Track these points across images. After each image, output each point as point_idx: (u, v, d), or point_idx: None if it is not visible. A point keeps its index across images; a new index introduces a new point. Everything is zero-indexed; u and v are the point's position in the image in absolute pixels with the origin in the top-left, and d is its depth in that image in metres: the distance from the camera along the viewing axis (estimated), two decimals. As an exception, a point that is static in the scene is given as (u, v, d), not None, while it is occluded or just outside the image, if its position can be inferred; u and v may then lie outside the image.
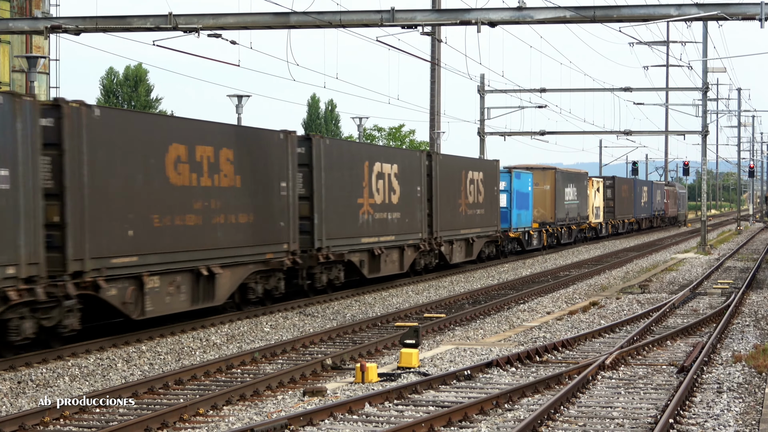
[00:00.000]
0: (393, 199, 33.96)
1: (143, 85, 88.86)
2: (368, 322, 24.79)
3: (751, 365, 17.66)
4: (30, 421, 14.04)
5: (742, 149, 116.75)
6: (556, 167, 58.18)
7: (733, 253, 52.22)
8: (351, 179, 31.11)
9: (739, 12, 24.43)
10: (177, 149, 22.85)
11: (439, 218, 37.73)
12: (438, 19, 25.75)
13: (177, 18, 25.23)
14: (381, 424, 13.60)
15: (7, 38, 38.64)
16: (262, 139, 26.73)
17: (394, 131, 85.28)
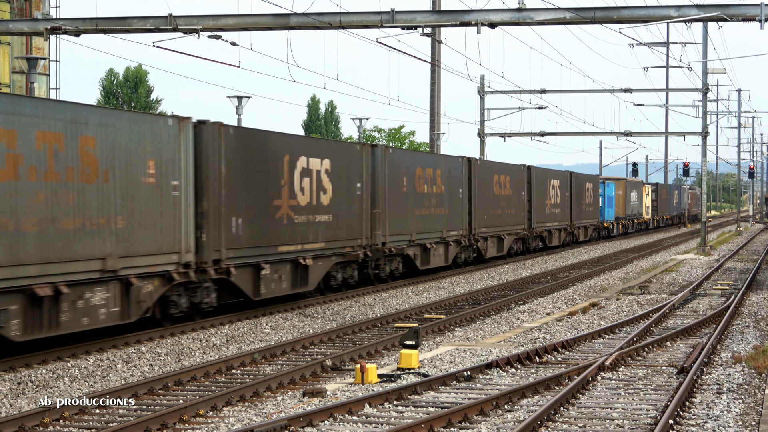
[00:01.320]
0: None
1: (143, 86, 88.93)
2: (368, 323, 24.80)
3: (750, 366, 17.67)
4: (30, 422, 14.04)
5: (742, 150, 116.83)
6: (626, 178, 79.17)
7: (733, 254, 52.22)
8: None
9: (739, 13, 24.45)
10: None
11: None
12: (438, 21, 25.76)
13: (177, 19, 25.26)
14: (381, 425, 13.61)
15: (7, 39, 38.65)
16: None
17: (394, 132, 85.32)
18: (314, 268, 28.37)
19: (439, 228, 37.91)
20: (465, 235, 40.86)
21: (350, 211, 30.71)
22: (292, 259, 27.29)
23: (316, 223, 28.67)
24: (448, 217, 38.93)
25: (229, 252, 24.31)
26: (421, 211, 36.12)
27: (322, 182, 28.93)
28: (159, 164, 21.87)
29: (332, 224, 29.48)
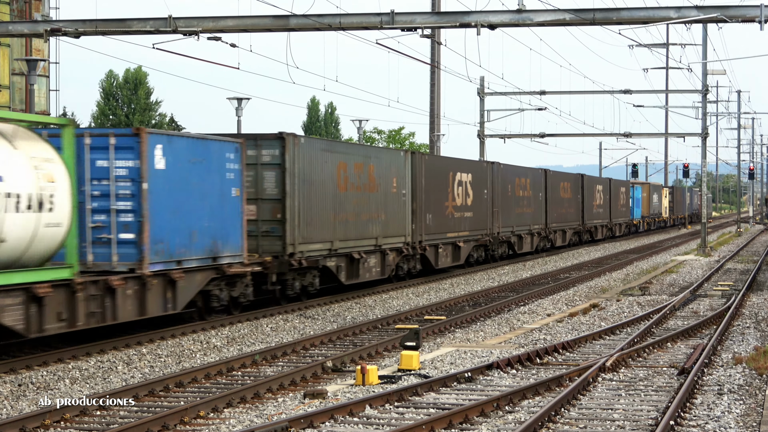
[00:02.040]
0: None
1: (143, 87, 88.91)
2: (368, 324, 24.79)
3: (751, 367, 17.66)
4: (31, 423, 14.04)
5: (742, 151, 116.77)
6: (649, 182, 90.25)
7: (734, 255, 52.22)
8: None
9: (739, 14, 24.45)
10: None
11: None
12: (438, 22, 25.76)
13: (177, 21, 25.26)
14: (381, 427, 13.60)
15: (7, 41, 38.64)
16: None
17: (393, 134, 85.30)
18: (464, 248, 41.23)
19: (528, 222, 50.76)
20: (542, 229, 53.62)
21: (481, 210, 43.27)
22: (453, 242, 39.92)
23: (464, 217, 41.23)
24: (533, 214, 51.61)
25: (425, 236, 36.63)
26: (521, 210, 49.36)
27: (467, 189, 41.67)
28: (397, 180, 34.53)
29: (472, 218, 42.04)
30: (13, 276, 18.25)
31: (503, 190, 46.22)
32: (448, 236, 38.89)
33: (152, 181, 21.81)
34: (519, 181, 48.95)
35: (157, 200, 21.94)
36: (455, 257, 40.33)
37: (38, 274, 18.77)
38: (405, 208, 35.00)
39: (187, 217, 23.12)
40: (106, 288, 20.49)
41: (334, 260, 29.97)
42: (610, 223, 70.05)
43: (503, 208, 46.13)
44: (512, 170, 48.52)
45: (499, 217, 45.36)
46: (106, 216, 21.63)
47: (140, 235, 21.57)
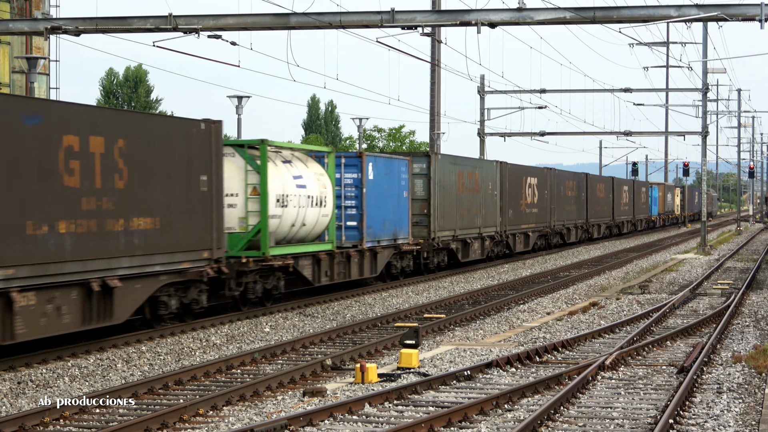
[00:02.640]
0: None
1: (143, 85, 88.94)
2: (368, 322, 24.80)
3: (751, 366, 17.67)
4: (30, 421, 14.05)
5: (742, 150, 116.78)
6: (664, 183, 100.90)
7: (733, 254, 52.22)
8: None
9: (739, 13, 24.46)
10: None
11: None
12: (438, 20, 25.76)
13: (177, 19, 25.26)
14: (381, 425, 13.61)
15: (7, 39, 38.65)
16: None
17: (394, 132, 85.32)
18: (532, 237, 51.45)
19: (574, 218, 60.58)
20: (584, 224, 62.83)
21: (543, 207, 53.16)
22: (525, 232, 50.01)
23: (532, 213, 51.09)
24: (577, 210, 61.36)
25: (508, 227, 46.85)
26: (570, 207, 60.03)
27: (534, 191, 51.51)
28: (492, 183, 44.62)
29: (537, 213, 51.88)
30: (309, 247, 29.01)
31: (557, 191, 56.75)
32: (522, 227, 49.99)
33: (367, 187, 32.01)
34: (568, 184, 59.37)
35: (369, 200, 32.08)
36: (526, 244, 50.94)
37: (319, 246, 29.50)
38: (496, 206, 45.59)
39: (382, 211, 33.25)
40: (347, 257, 31.08)
41: (455, 243, 40.18)
42: (634, 218, 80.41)
43: (558, 206, 56.73)
44: (563, 175, 59.26)
45: (555, 213, 56.10)
46: (339, 210, 31.29)
47: (360, 223, 31.94)
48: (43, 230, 18.58)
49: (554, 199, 55.28)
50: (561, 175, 57.93)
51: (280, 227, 27.25)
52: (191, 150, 23.33)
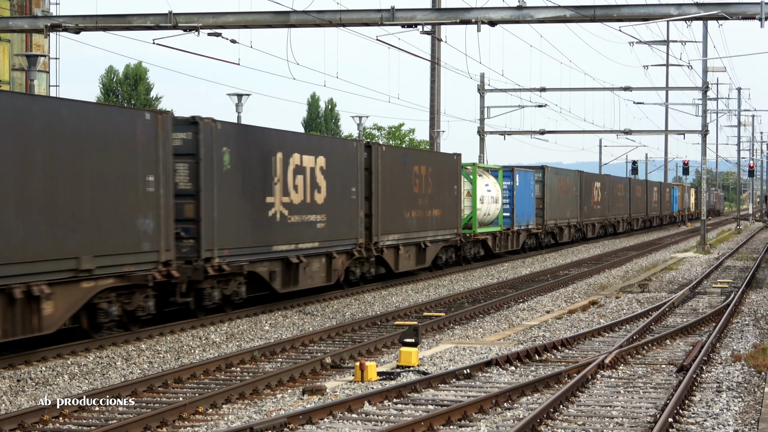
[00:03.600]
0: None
1: (143, 83, 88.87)
2: (367, 320, 24.79)
3: (750, 364, 17.67)
4: (29, 419, 14.04)
5: (742, 149, 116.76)
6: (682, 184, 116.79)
7: (733, 253, 52.22)
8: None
9: (739, 11, 24.44)
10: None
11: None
12: (438, 18, 25.76)
13: (177, 17, 25.24)
14: (380, 423, 13.61)
15: (7, 37, 38.62)
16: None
17: (393, 130, 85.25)
18: (597, 227, 65.82)
19: (623, 213, 76.71)
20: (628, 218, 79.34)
21: (603, 205, 66.22)
22: (592, 223, 65.22)
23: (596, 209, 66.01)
24: (624, 208, 76.95)
25: (583, 219, 62.05)
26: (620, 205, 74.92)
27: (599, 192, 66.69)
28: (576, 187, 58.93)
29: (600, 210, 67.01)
30: (491, 228, 45.04)
31: (612, 193, 71.81)
32: (591, 219, 65.58)
33: (516, 191, 48.17)
34: (618, 186, 74.88)
35: (517, 199, 48.43)
36: (593, 232, 66.69)
37: (495, 228, 45.51)
38: (577, 202, 61.02)
39: (522, 207, 49.17)
40: (506, 236, 46.67)
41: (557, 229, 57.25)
42: (660, 214, 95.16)
43: (612, 204, 71.92)
44: (615, 179, 75.09)
45: (610, 209, 71.40)
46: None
47: (512, 215, 47.94)
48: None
49: (610, 198, 71.36)
50: (614, 180, 74.87)
51: (480, 216, 43.17)
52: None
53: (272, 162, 26.58)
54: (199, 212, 23.69)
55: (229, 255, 24.66)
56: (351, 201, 31.03)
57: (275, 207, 26.70)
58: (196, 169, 23.70)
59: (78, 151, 19.75)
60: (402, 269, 34.98)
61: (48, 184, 19.03)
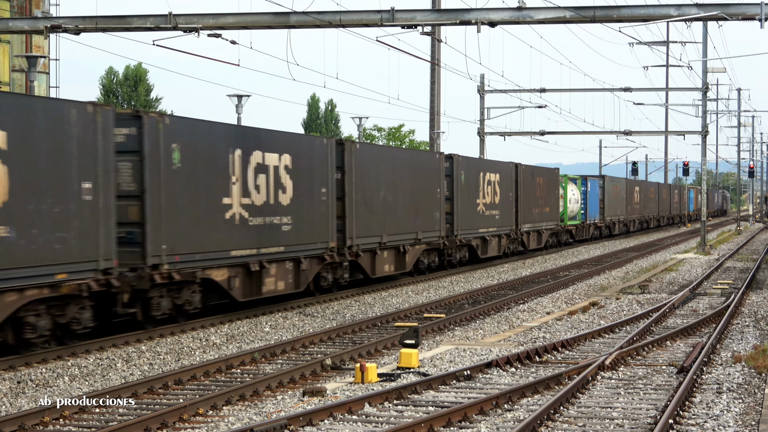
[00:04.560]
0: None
1: (143, 84, 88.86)
2: (368, 322, 24.79)
3: (750, 366, 17.66)
4: (30, 421, 14.04)
5: (742, 149, 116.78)
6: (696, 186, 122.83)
7: (733, 254, 52.21)
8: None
9: (739, 12, 24.44)
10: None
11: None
12: (438, 19, 25.75)
13: (177, 18, 25.25)
14: (380, 425, 13.60)
15: (7, 38, 38.63)
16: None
17: (393, 131, 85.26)
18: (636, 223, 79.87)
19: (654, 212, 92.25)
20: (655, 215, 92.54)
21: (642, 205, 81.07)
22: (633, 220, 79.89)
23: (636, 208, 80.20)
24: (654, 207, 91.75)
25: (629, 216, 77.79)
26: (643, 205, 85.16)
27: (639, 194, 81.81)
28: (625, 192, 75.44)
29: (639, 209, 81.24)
30: (573, 222, 61.01)
31: (646, 195, 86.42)
32: (631, 217, 79.95)
33: (589, 194, 63.37)
34: (650, 189, 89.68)
35: (589, 201, 63.51)
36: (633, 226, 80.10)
37: (576, 222, 62.13)
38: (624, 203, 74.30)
39: (591, 207, 63.70)
40: (582, 227, 62.71)
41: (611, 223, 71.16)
42: (680, 212, 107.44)
43: (646, 204, 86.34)
44: (649, 184, 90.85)
45: (646, 209, 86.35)
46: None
47: (585, 212, 63.17)
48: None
49: (645, 199, 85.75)
50: (647, 185, 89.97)
51: (569, 213, 59.23)
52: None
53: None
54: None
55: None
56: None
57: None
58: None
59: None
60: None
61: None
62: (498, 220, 45.27)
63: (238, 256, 25.15)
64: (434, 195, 37.71)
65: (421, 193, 36.54)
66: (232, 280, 24.95)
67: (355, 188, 31.09)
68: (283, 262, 27.12)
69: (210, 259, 24.08)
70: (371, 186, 32.42)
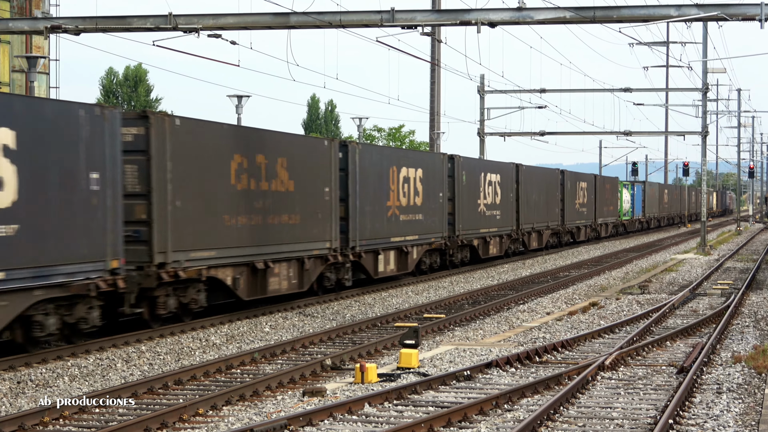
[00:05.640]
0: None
1: (143, 85, 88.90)
2: (368, 322, 24.79)
3: (750, 366, 17.66)
4: (29, 421, 14.04)
5: (742, 150, 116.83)
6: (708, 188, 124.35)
7: (733, 254, 52.22)
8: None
9: (739, 12, 24.45)
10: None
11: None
12: (438, 20, 25.75)
13: (177, 18, 25.25)
14: (380, 425, 13.60)
15: (7, 38, 38.64)
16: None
17: (393, 132, 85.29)
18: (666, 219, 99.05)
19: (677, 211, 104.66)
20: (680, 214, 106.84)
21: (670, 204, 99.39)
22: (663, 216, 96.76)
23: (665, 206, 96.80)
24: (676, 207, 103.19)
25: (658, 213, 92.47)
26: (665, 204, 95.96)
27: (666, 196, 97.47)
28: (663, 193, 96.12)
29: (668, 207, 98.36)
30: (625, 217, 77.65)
31: (673, 196, 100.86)
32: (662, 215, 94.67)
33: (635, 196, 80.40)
34: (675, 192, 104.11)
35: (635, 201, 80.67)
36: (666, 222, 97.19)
37: (627, 217, 78.63)
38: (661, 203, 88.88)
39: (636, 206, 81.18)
40: (632, 222, 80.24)
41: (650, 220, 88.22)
42: (696, 211, 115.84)
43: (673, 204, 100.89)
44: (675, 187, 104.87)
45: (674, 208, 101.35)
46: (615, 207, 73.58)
47: (632, 210, 79.30)
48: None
49: (671, 200, 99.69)
50: (673, 187, 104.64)
51: (623, 210, 73.97)
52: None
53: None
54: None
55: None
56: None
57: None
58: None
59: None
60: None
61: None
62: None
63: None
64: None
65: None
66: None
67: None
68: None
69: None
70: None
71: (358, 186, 31.17)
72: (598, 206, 65.85)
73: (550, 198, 54.30)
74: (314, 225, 28.59)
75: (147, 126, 22.04)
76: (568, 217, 58.26)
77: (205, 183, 23.96)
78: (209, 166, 24.09)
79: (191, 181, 23.38)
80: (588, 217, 63.46)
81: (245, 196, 25.33)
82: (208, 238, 23.94)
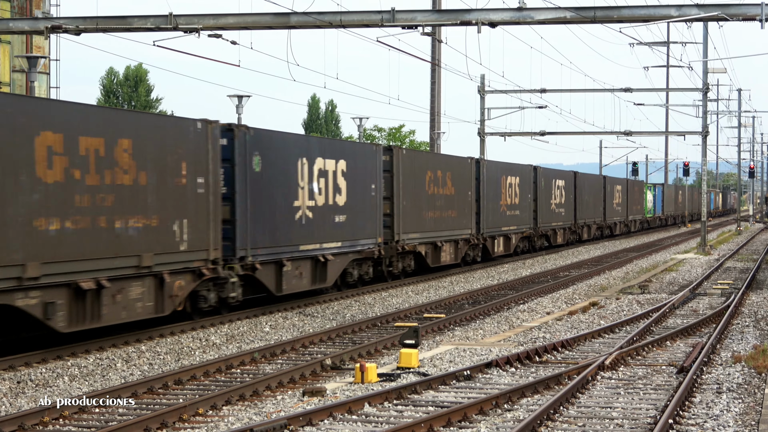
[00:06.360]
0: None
1: (143, 85, 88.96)
2: (368, 322, 24.80)
3: (750, 366, 17.67)
4: (29, 420, 14.04)
5: (743, 150, 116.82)
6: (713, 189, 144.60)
7: (733, 254, 52.22)
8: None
9: (740, 13, 24.46)
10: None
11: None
12: (438, 20, 25.76)
13: (177, 18, 25.27)
14: (380, 425, 13.60)
15: (8, 38, 38.65)
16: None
17: (394, 132, 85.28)
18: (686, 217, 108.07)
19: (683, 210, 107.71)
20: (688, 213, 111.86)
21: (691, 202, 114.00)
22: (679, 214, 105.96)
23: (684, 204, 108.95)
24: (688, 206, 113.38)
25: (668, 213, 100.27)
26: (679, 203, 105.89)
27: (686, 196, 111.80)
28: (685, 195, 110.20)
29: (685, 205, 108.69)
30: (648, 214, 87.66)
31: (690, 197, 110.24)
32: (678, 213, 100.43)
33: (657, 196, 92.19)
34: (688, 192, 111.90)
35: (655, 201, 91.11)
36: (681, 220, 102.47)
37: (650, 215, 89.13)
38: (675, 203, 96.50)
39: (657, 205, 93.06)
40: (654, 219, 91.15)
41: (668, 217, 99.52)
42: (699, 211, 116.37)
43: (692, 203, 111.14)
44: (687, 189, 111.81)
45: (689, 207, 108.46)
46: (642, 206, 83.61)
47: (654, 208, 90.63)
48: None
49: (684, 200, 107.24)
50: (686, 189, 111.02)
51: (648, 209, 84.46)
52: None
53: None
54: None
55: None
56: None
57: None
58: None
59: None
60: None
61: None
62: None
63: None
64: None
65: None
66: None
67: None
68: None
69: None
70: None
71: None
72: (630, 205, 76.91)
73: (596, 199, 66.33)
74: (463, 216, 40.41)
75: (390, 155, 33.26)
76: (608, 215, 70.48)
77: (415, 191, 35.17)
78: (416, 180, 35.17)
79: (408, 189, 34.59)
80: (622, 215, 74.52)
81: (431, 199, 37.15)
82: (415, 226, 35.23)
